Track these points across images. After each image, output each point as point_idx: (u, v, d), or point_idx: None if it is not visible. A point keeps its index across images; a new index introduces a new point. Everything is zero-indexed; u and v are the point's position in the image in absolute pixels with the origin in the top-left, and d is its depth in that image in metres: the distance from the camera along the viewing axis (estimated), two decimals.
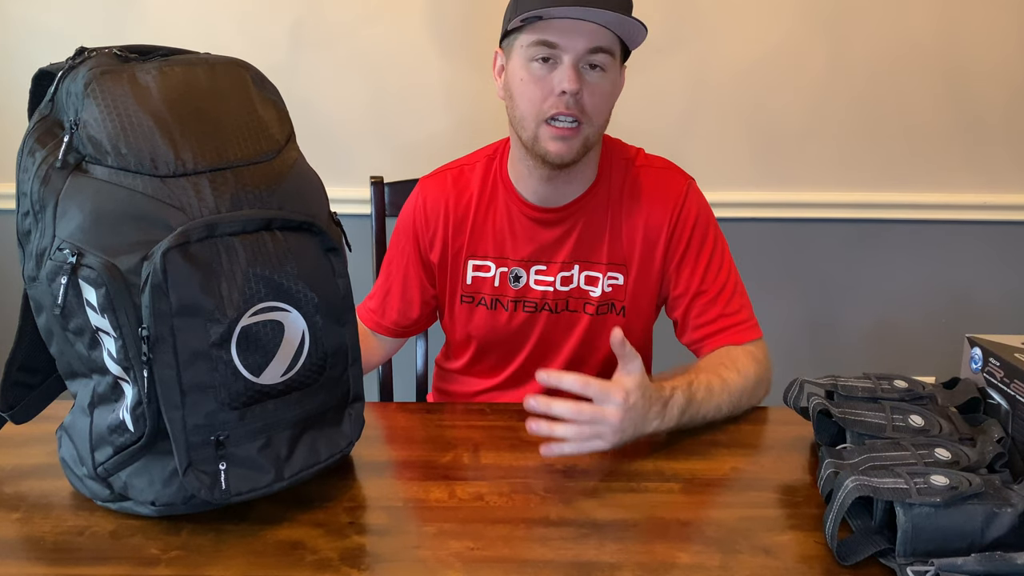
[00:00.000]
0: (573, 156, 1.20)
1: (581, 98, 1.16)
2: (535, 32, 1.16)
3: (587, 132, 1.19)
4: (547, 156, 1.20)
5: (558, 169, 1.22)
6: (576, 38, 1.15)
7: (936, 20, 1.93)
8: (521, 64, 1.19)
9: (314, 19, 1.93)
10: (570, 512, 0.94)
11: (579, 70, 1.16)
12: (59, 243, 0.85)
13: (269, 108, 0.96)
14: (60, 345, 0.91)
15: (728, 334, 1.26)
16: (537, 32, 1.16)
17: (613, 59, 1.18)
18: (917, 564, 0.81)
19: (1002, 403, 1.03)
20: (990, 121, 2.00)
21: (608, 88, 1.19)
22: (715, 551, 0.88)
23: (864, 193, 2.05)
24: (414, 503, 0.97)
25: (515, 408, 1.22)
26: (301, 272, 0.89)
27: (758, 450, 1.12)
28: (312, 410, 0.94)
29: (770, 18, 1.93)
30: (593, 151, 1.25)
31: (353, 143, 2.00)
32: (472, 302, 1.34)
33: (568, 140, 1.18)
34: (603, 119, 1.21)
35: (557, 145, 1.18)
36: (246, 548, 0.88)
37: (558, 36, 1.15)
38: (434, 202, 1.34)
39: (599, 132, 1.23)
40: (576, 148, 1.19)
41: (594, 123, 1.20)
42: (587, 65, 1.16)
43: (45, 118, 0.89)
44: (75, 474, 0.95)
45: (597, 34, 1.15)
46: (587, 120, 1.18)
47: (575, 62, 1.15)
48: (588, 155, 1.24)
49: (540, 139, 1.19)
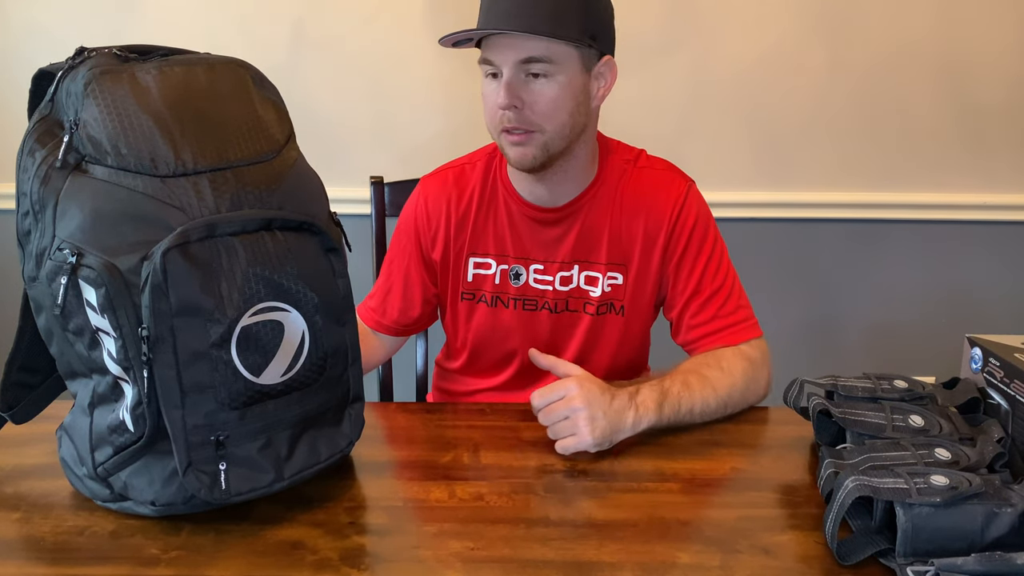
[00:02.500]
0: (531, 162, 1.21)
1: (523, 110, 1.17)
2: (483, 50, 1.20)
3: (543, 139, 1.19)
4: (511, 162, 1.23)
5: (531, 172, 1.23)
6: (506, 52, 1.17)
7: (936, 20, 1.93)
8: (481, 78, 1.23)
9: (314, 19, 1.93)
10: (570, 512, 0.94)
11: (515, 84, 1.17)
12: (59, 243, 0.85)
13: (269, 108, 0.96)
14: (60, 345, 0.91)
15: (723, 335, 1.26)
16: (483, 50, 1.20)
17: (554, 64, 1.17)
18: (917, 564, 0.82)
19: (1002, 403, 1.03)
20: (990, 121, 2.00)
21: (554, 93, 1.18)
22: (715, 551, 0.88)
23: (864, 193, 2.05)
24: (414, 503, 0.97)
25: (515, 408, 1.22)
26: (301, 272, 0.89)
27: (758, 450, 1.12)
28: (312, 410, 0.94)
29: (770, 18, 1.93)
30: (582, 152, 1.25)
31: (353, 143, 2.00)
32: (473, 299, 1.34)
33: (522, 147, 1.20)
34: (557, 123, 1.19)
35: (514, 151, 1.21)
36: (246, 548, 0.88)
37: (492, 53, 1.18)
38: (435, 201, 1.34)
39: (561, 135, 1.20)
40: (534, 154, 1.20)
41: (547, 129, 1.19)
42: (528, 75, 1.17)
43: (45, 118, 0.89)
44: (75, 474, 0.95)
45: (527, 45, 1.15)
46: (538, 127, 1.19)
47: (510, 77, 1.17)
48: (573, 157, 1.24)
49: (502, 147, 1.23)
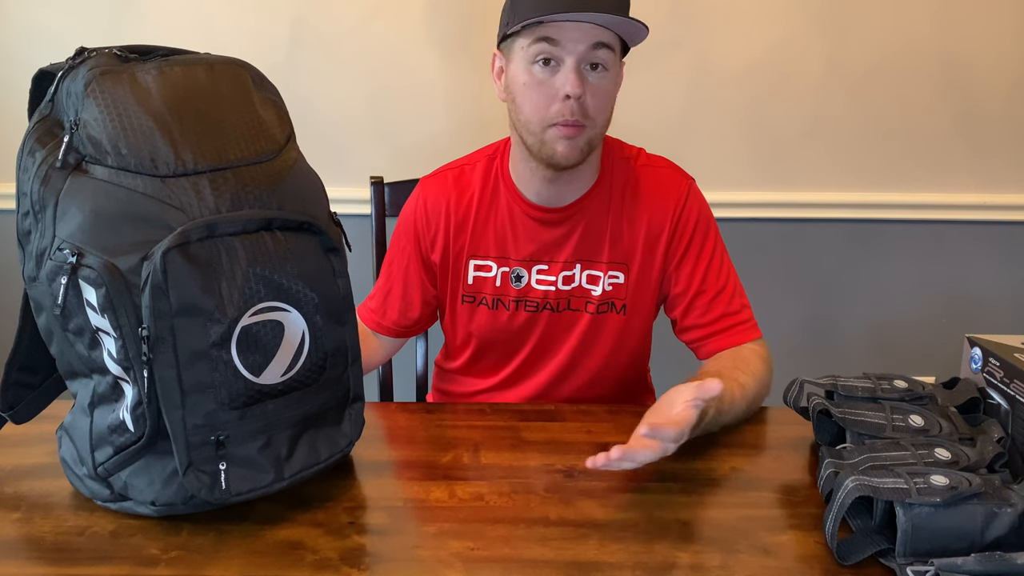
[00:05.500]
0: (578, 157, 1.20)
1: (584, 101, 1.16)
2: (536, 32, 1.15)
3: (591, 134, 1.19)
4: (554, 158, 1.19)
5: (563, 171, 1.22)
6: (577, 37, 1.14)
7: (935, 21, 1.93)
8: (523, 67, 1.18)
9: (314, 19, 1.93)
10: (570, 512, 0.94)
11: (581, 72, 1.16)
12: (59, 243, 0.85)
13: (269, 108, 0.96)
14: (60, 345, 0.91)
15: (730, 334, 1.26)
16: (538, 32, 1.15)
17: (614, 55, 1.18)
18: (917, 564, 0.82)
19: (1002, 403, 1.03)
20: (990, 121, 2.00)
21: (610, 88, 1.19)
22: (715, 551, 0.88)
23: (864, 193, 2.05)
24: (414, 503, 0.97)
25: (515, 408, 1.22)
26: (301, 272, 0.89)
27: (758, 450, 1.12)
28: (312, 410, 0.94)
29: (769, 18, 1.93)
30: (595, 151, 1.25)
31: (353, 143, 2.00)
32: (473, 302, 1.34)
33: (574, 140, 1.18)
34: (605, 119, 1.21)
35: (564, 146, 1.18)
36: (246, 548, 0.88)
37: (559, 34, 1.14)
38: (435, 202, 1.33)
39: (602, 132, 1.23)
40: (581, 149, 1.19)
41: (597, 124, 1.19)
42: (588, 65, 1.16)
43: (45, 118, 0.89)
44: (75, 474, 0.95)
45: (598, 32, 1.15)
46: (590, 122, 1.18)
47: (577, 63, 1.15)
48: (594, 154, 1.24)
49: (547, 142, 1.19)
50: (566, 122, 1.16)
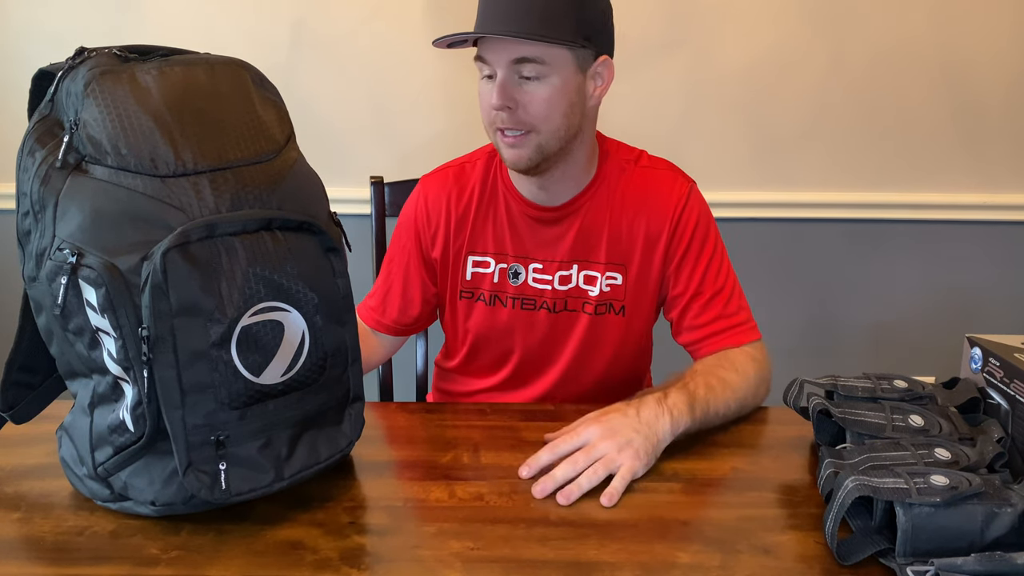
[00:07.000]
0: (526, 163, 1.21)
1: (516, 111, 1.18)
2: (478, 51, 1.20)
3: (538, 139, 1.19)
4: (506, 162, 1.23)
5: (527, 174, 1.24)
6: (499, 54, 1.17)
7: (935, 21, 1.93)
8: (478, 79, 1.23)
9: (314, 19, 1.93)
10: (570, 512, 0.94)
11: (508, 85, 1.17)
12: (59, 243, 0.85)
13: (269, 108, 0.96)
14: (60, 345, 0.91)
15: (726, 336, 1.26)
16: (478, 51, 1.20)
17: (547, 65, 1.16)
18: (917, 564, 0.82)
19: (1002, 403, 1.03)
20: (989, 121, 2.00)
21: (547, 94, 1.17)
22: (715, 551, 0.88)
23: (863, 193, 2.05)
24: (414, 503, 0.97)
25: (515, 408, 1.22)
26: (301, 272, 0.89)
27: (758, 450, 1.12)
28: (312, 410, 0.94)
29: (769, 18, 1.93)
30: (580, 152, 1.25)
31: (353, 143, 2.00)
32: (471, 298, 1.34)
33: (517, 148, 1.20)
34: (554, 124, 1.19)
35: (509, 152, 1.21)
36: (246, 548, 0.88)
37: (486, 54, 1.19)
38: (436, 199, 1.34)
39: (557, 137, 1.20)
40: (528, 155, 1.20)
41: (543, 130, 1.19)
42: (522, 76, 1.17)
43: (45, 118, 0.89)
44: (75, 474, 0.95)
45: (519, 46, 1.15)
46: (532, 129, 1.19)
47: (503, 78, 1.17)
48: (571, 157, 1.24)
49: (498, 147, 1.23)
50: (502, 129, 1.20)
